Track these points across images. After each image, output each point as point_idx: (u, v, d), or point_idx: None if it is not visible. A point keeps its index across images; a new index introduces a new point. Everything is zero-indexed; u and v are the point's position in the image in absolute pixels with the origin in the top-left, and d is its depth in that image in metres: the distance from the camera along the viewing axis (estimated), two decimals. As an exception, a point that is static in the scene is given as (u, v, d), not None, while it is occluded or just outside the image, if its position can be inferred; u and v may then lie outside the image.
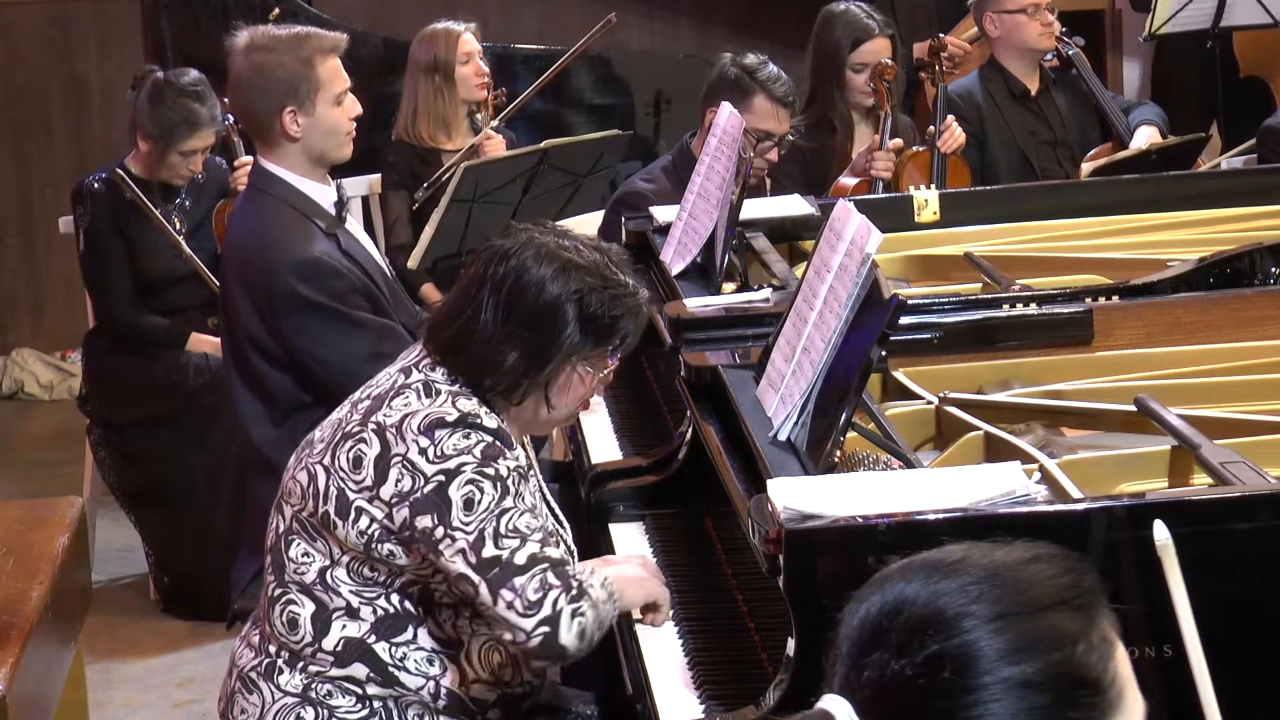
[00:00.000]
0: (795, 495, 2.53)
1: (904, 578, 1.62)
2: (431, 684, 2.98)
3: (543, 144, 5.50)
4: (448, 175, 5.58)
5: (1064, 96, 5.87)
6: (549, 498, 3.18)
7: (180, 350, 5.47)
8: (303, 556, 3.01)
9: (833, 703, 1.62)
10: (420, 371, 3.02)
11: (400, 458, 2.91)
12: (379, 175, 6.02)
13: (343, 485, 2.95)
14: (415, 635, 2.98)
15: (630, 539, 3.43)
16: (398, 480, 2.90)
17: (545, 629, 2.84)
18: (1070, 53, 5.87)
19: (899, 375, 3.37)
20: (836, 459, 2.81)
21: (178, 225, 5.47)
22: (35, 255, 8.08)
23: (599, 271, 2.99)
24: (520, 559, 2.85)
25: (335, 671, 2.98)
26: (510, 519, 2.87)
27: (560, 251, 2.99)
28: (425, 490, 2.88)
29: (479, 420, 2.92)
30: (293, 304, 3.95)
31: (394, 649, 2.97)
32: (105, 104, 7.88)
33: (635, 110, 7.11)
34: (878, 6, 5.68)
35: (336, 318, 3.96)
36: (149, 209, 5.40)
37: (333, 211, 4.10)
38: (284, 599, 3.02)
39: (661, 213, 4.38)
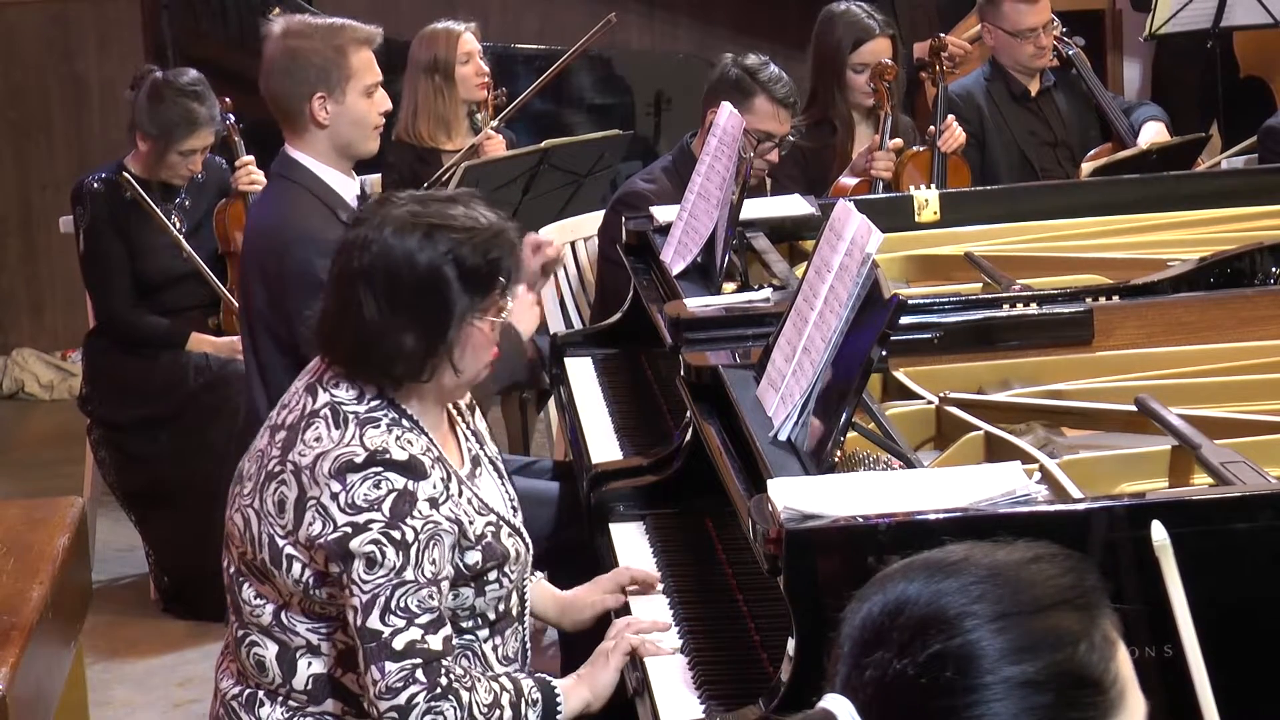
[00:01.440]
0: (795, 495, 2.53)
1: (905, 577, 1.62)
2: None
3: (543, 144, 5.50)
4: (448, 175, 5.57)
5: (1064, 97, 5.88)
6: (497, 480, 3.12)
7: (180, 350, 5.47)
8: (256, 599, 2.98)
9: (834, 702, 1.62)
10: (325, 390, 2.94)
11: (315, 501, 2.86)
12: (379, 175, 6.02)
13: (272, 531, 2.91)
14: None
15: (630, 539, 3.43)
16: (310, 523, 2.86)
17: (394, 715, 2.81)
18: (1070, 53, 5.87)
19: (899, 375, 3.37)
20: (837, 459, 2.81)
21: (177, 225, 5.47)
22: (35, 255, 8.08)
23: (461, 223, 2.91)
24: (398, 644, 2.81)
25: (311, 709, 2.97)
26: (404, 595, 2.81)
27: (417, 219, 2.90)
28: (331, 538, 2.84)
29: (388, 456, 2.84)
30: (304, 281, 3.93)
31: (361, 679, 2.92)
32: (105, 104, 7.88)
33: (635, 110, 7.11)
34: (878, 6, 5.68)
35: None
36: (151, 208, 5.40)
37: (354, 204, 4.11)
38: (247, 640, 3.00)
39: (661, 213, 4.38)
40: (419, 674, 2.81)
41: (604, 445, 3.88)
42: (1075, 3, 6.64)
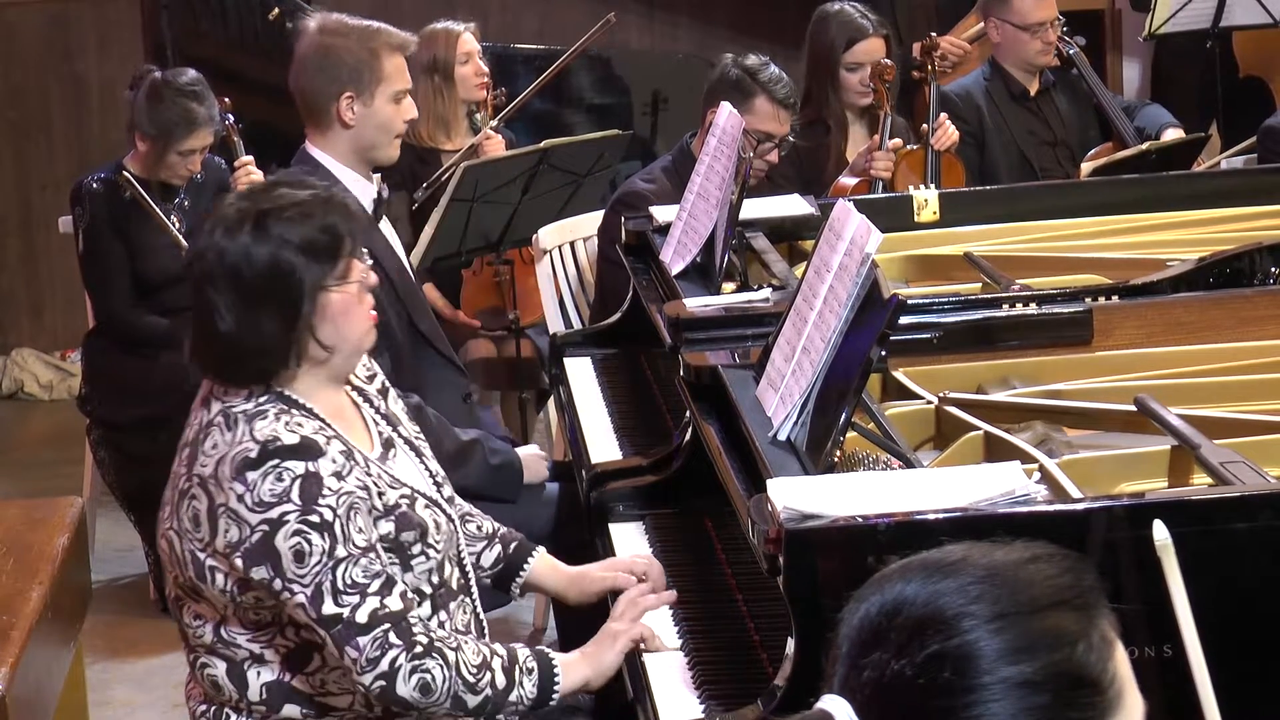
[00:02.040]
0: (795, 495, 2.53)
1: (903, 578, 1.62)
2: (359, 696, 2.93)
3: (542, 144, 5.50)
4: (447, 175, 5.57)
5: (1064, 96, 5.88)
6: (427, 460, 3.12)
7: (180, 350, 5.44)
8: (195, 620, 2.98)
9: (832, 703, 1.62)
10: (217, 400, 2.94)
11: (224, 507, 2.85)
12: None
13: (192, 547, 2.91)
14: (324, 658, 2.93)
15: (630, 539, 3.43)
16: (226, 531, 2.85)
17: (381, 683, 2.82)
18: (1070, 52, 5.87)
19: (899, 375, 3.37)
20: (836, 459, 2.81)
21: (176, 225, 5.47)
22: (35, 255, 8.08)
23: (286, 200, 2.91)
24: (362, 617, 2.81)
25: (274, 717, 2.97)
26: (346, 571, 2.82)
27: (243, 213, 2.90)
28: (253, 540, 2.83)
29: (279, 443, 2.83)
30: None
31: (311, 679, 2.93)
32: (105, 104, 7.88)
33: (635, 110, 7.11)
34: (874, 6, 5.68)
35: None
36: (151, 207, 5.40)
37: (370, 208, 4.12)
38: (199, 664, 3.00)
39: (661, 213, 4.38)
40: (391, 637, 2.82)
41: (603, 445, 3.88)
42: (1075, 2, 6.63)
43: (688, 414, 3.39)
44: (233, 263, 2.88)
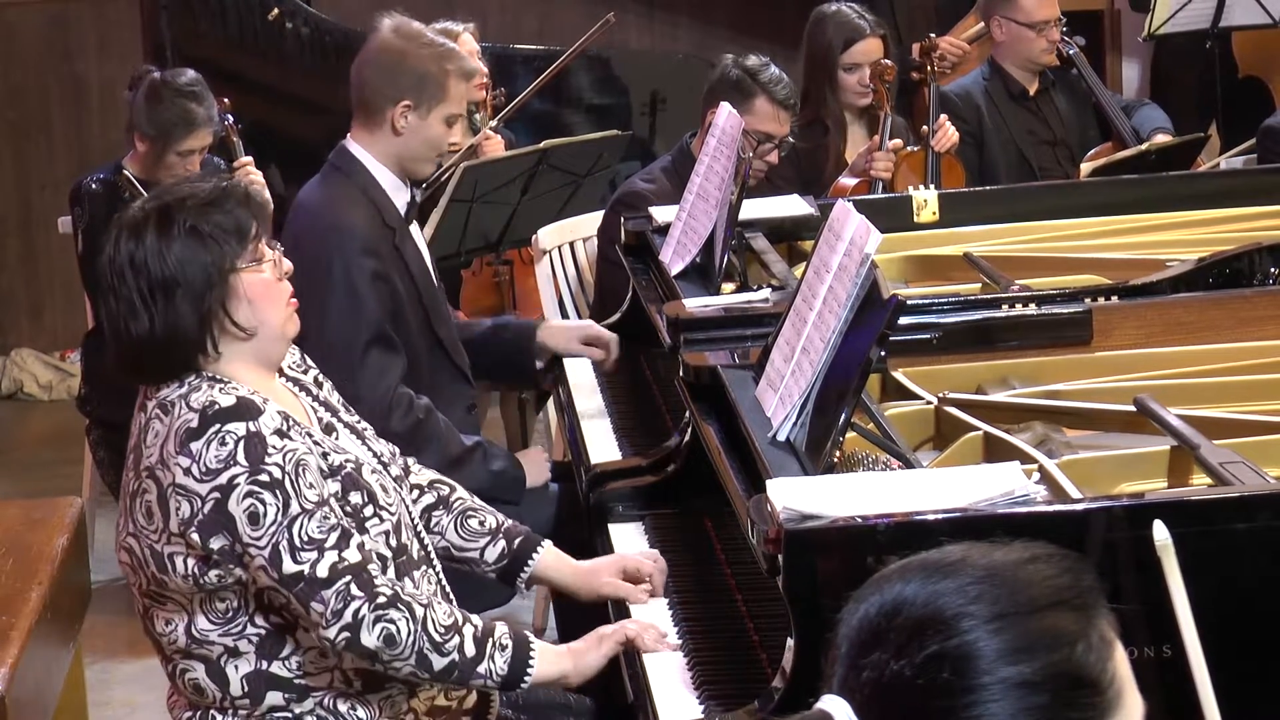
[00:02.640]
0: (795, 495, 2.53)
1: (903, 578, 1.62)
2: (337, 673, 2.96)
3: (542, 144, 5.50)
4: (446, 175, 5.57)
5: (1064, 96, 5.88)
6: (373, 443, 3.12)
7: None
8: (166, 626, 2.98)
9: (832, 703, 1.62)
10: (150, 399, 2.96)
11: (173, 486, 2.86)
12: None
13: (150, 542, 2.92)
14: (297, 641, 2.95)
15: (630, 539, 3.43)
16: (178, 509, 2.86)
17: (346, 634, 2.84)
18: (1070, 52, 5.87)
19: (899, 375, 3.37)
20: (836, 459, 2.81)
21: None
22: (35, 255, 8.08)
23: (186, 193, 2.94)
24: (322, 571, 2.83)
25: (259, 710, 2.97)
26: (301, 528, 2.84)
27: (145, 212, 2.94)
28: (205, 511, 2.85)
29: (216, 406, 2.86)
30: (323, 267, 3.98)
31: (287, 662, 2.95)
32: (105, 104, 7.88)
33: (634, 111, 7.11)
34: (873, 7, 5.68)
35: (346, 294, 3.99)
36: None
37: (402, 211, 4.14)
38: (178, 670, 3.01)
39: (661, 213, 4.38)
40: (353, 588, 2.83)
41: (603, 445, 3.88)
42: (1075, 2, 6.64)
43: (687, 414, 3.39)
44: (142, 260, 2.91)
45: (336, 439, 3.07)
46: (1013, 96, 5.80)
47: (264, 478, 2.84)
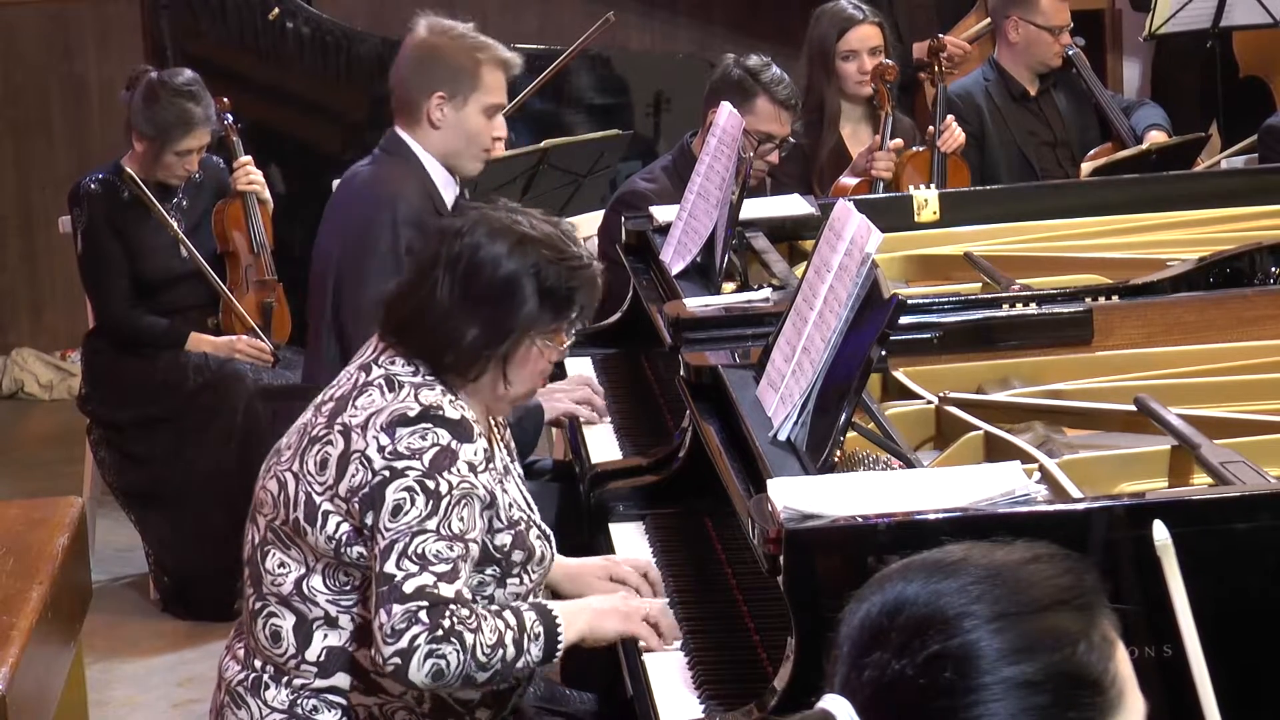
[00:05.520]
0: (795, 495, 2.53)
1: (904, 577, 1.62)
2: (412, 694, 2.96)
3: (542, 144, 5.51)
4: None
5: (1064, 97, 5.88)
6: (521, 491, 3.14)
7: (180, 350, 5.47)
8: (279, 568, 3.00)
9: (833, 703, 1.62)
10: (380, 366, 3.00)
11: (359, 454, 2.90)
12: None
13: (310, 489, 2.95)
14: None
15: (630, 539, 3.43)
16: (353, 475, 2.90)
17: (397, 660, 2.82)
18: (1070, 52, 5.87)
19: (899, 375, 3.37)
20: (836, 459, 2.81)
21: (176, 225, 5.47)
22: (35, 255, 8.08)
23: (554, 244, 2.98)
24: (409, 587, 2.83)
25: (320, 683, 2.98)
26: (422, 542, 2.84)
27: (514, 226, 2.98)
28: (371, 484, 2.88)
29: (441, 412, 2.91)
30: (375, 240, 4.02)
31: (375, 657, 2.93)
32: (105, 104, 7.87)
33: (635, 110, 7.11)
34: (877, 6, 5.69)
35: (391, 258, 4.03)
36: (152, 201, 5.40)
37: (449, 202, 4.16)
38: (264, 611, 3.01)
39: (661, 212, 4.38)
40: (422, 615, 2.82)
41: (604, 445, 3.88)
42: (1075, 3, 6.63)
43: (688, 414, 3.39)
44: (479, 259, 2.96)
45: (509, 482, 3.08)
46: (1014, 97, 5.79)
47: (430, 484, 2.87)
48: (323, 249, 4.30)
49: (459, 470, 2.89)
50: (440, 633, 2.82)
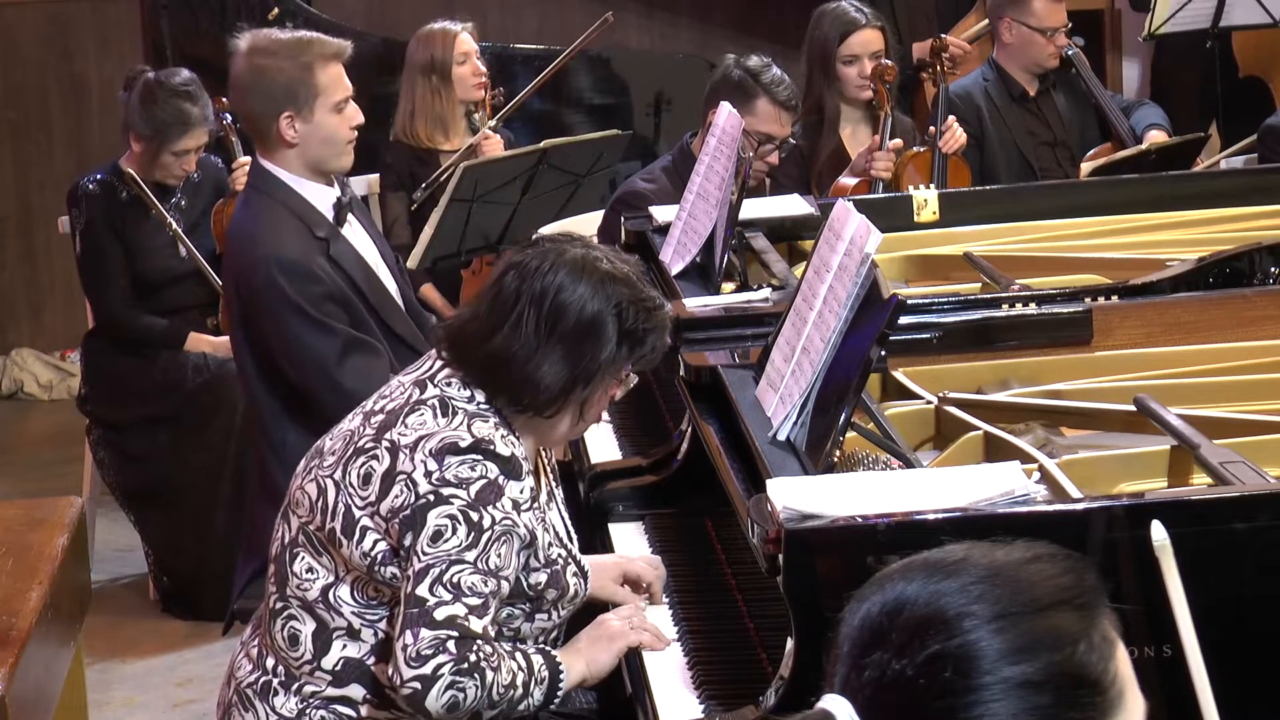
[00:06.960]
0: (795, 495, 2.53)
1: (904, 577, 1.62)
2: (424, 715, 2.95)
3: (541, 144, 5.50)
4: (446, 175, 5.58)
5: (1063, 97, 5.88)
6: (563, 516, 3.14)
7: (179, 350, 5.47)
8: (306, 572, 2.99)
9: (833, 703, 1.62)
10: (436, 386, 2.98)
11: (405, 475, 2.89)
12: (377, 175, 6.02)
13: (350, 502, 2.94)
14: None
15: (630, 539, 3.43)
16: (396, 496, 2.89)
17: (416, 685, 2.81)
18: (1070, 53, 5.87)
19: (899, 375, 3.37)
20: (836, 459, 2.81)
21: (175, 225, 5.47)
22: (35, 255, 8.08)
23: (632, 284, 2.97)
24: (440, 614, 2.82)
25: (331, 691, 2.97)
26: (459, 572, 2.83)
27: (595, 265, 2.95)
28: (414, 505, 2.87)
29: (492, 447, 2.89)
30: (272, 298, 3.98)
31: (393, 676, 2.92)
32: (105, 104, 7.87)
33: (634, 110, 7.11)
34: (873, 6, 5.69)
35: (307, 320, 3.99)
36: (152, 200, 5.40)
37: (330, 214, 4.11)
38: (285, 613, 3.00)
39: (661, 213, 4.38)
40: (450, 645, 2.82)
41: (603, 445, 3.88)
42: (1075, 3, 6.64)
43: (687, 414, 3.39)
44: (564, 300, 2.92)
45: (552, 510, 3.09)
46: (1013, 97, 5.79)
47: (474, 516, 2.85)
48: (227, 295, 4.28)
49: (503, 506, 2.87)
50: (465, 666, 2.82)
